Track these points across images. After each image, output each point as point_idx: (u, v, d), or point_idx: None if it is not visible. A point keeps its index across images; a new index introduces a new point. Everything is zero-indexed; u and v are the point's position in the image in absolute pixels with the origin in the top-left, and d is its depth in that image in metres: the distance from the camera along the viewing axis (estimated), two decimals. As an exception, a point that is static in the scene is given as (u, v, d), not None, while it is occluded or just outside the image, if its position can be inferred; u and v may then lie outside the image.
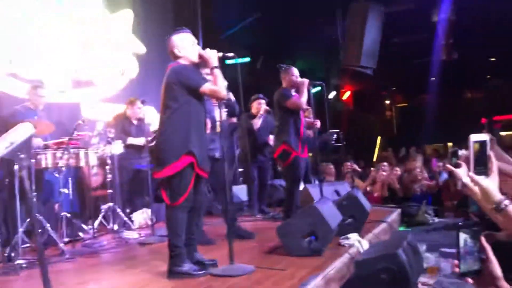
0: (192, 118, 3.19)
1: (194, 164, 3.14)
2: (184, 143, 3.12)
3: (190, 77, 3.18)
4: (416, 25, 12.10)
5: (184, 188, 3.13)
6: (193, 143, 3.13)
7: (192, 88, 3.17)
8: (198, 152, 3.15)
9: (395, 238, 3.65)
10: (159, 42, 7.99)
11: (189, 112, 3.18)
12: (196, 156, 3.13)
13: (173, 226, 3.17)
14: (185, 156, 3.11)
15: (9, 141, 1.72)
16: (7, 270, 3.69)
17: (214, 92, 3.18)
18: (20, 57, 5.81)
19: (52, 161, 4.68)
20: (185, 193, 3.13)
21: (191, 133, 3.15)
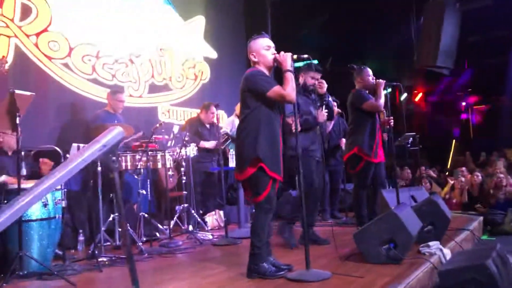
0: (262, 123, 3.21)
1: (265, 168, 3.15)
2: (253, 149, 3.17)
3: (258, 83, 3.21)
4: (493, 22, 11.43)
5: (261, 190, 3.19)
6: (262, 149, 3.16)
7: (259, 93, 3.20)
8: (268, 157, 3.17)
9: (482, 248, 3.43)
10: (230, 47, 8.20)
11: (259, 118, 3.22)
12: (264, 161, 3.15)
13: (255, 226, 3.25)
14: (254, 161, 3.16)
15: (102, 144, 1.79)
16: (91, 266, 3.87)
17: (281, 96, 3.18)
18: (99, 64, 6.12)
19: (132, 163, 4.88)
20: (262, 194, 3.18)
21: (259, 138, 3.18)
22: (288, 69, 3.23)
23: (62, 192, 3.98)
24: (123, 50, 6.44)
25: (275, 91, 3.17)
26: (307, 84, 4.45)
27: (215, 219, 6.00)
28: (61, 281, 3.38)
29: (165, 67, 7.06)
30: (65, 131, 5.57)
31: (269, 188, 3.21)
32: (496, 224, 5.64)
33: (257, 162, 3.16)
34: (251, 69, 3.34)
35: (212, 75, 7.84)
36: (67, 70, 5.75)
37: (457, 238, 4.30)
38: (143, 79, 6.69)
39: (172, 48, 7.21)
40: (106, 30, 6.23)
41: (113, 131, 1.83)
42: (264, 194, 3.18)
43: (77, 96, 5.84)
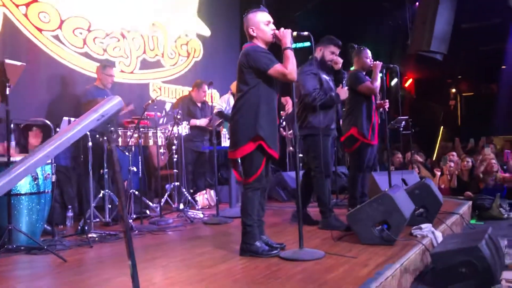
0: (261, 101, 3.15)
1: (264, 146, 3.12)
2: (252, 127, 3.12)
3: (259, 59, 3.12)
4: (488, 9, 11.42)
5: (255, 170, 3.17)
6: (261, 126, 3.11)
7: (260, 70, 3.13)
8: (267, 135, 3.13)
9: (475, 231, 3.45)
10: (223, 25, 8.07)
11: (258, 95, 3.16)
12: (264, 139, 3.11)
13: (244, 205, 3.23)
14: (254, 139, 3.12)
15: (100, 114, 1.73)
16: (80, 242, 3.83)
17: (282, 74, 3.11)
18: (91, 37, 5.98)
19: (123, 139, 4.81)
20: (255, 174, 3.16)
21: (259, 116, 3.12)
22: (289, 46, 3.16)
23: (52, 167, 3.90)
24: (115, 24, 6.30)
25: (277, 69, 3.11)
26: (326, 59, 4.28)
27: (206, 198, 5.98)
28: (51, 256, 3.33)
29: (158, 43, 6.94)
30: (55, 105, 5.46)
31: (262, 167, 3.18)
32: (484, 209, 5.69)
33: (256, 140, 3.12)
34: (250, 44, 3.25)
35: (205, 53, 7.73)
36: (57, 43, 5.61)
37: (448, 222, 4.34)
38: (134, 55, 6.56)
39: (165, 24, 7.07)
40: (98, 3, 6.07)
41: (112, 100, 1.76)
42: (257, 174, 3.16)
43: (67, 70, 5.71)
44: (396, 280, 2.78)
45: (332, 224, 4.08)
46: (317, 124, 4.06)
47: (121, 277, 2.74)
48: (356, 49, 4.87)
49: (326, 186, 4.22)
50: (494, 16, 12.15)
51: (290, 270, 2.84)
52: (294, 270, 2.83)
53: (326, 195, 4.21)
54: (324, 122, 4.19)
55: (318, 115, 4.08)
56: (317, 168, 4.17)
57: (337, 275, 2.70)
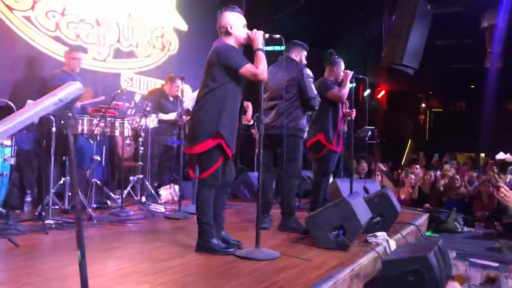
0: (227, 100, 3.17)
1: (223, 144, 3.14)
2: (215, 124, 3.13)
3: (231, 58, 3.14)
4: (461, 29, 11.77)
5: (211, 165, 3.17)
6: (223, 125, 3.13)
7: (231, 68, 3.14)
8: (227, 134, 3.15)
9: (426, 242, 3.56)
10: (201, 21, 8.03)
11: (224, 93, 3.17)
12: (224, 138, 3.13)
13: (199, 202, 3.23)
14: (214, 137, 3.13)
15: (58, 98, 1.71)
16: (36, 228, 3.77)
17: (254, 74, 3.13)
18: (64, 22, 5.87)
19: (88, 127, 4.74)
20: (209, 170, 3.16)
21: (222, 114, 3.14)
22: (260, 47, 3.19)
23: (12, 149, 3.82)
24: (91, 10, 6.19)
25: (248, 69, 3.13)
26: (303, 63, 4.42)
27: (170, 193, 5.96)
28: (3, 240, 3.26)
29: (133, 33, 6.86)
30: (21, 87, 5.32)
31: (218, 164, 3.18)
32: (440, 222, 5.87)
33: (217, 138, 3.13)
34: (222, 43, 3.26)
35: (181, 47, 7.69)
36: (28, 24, 5.48)
37: (403, 231, 4.45)
38: (108, 43, 6.47)
39: (141, 15, 7.00)
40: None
41: (72, 86, 1.75)
42: (212, 170, 3.15)
43: (37, 52, 5.58)
44: (346, 284, 2.85)
45: (291, 226, 4.13)
46: (302, 127, 4.17)
47: (72, 265, 2.68)
48: (333, 58, 4.93)
49: (295, 189, 4.29)
50: (467, 36, 12.53)
51: (243, 268, 2.86)
52: (248, 268, 2.86)
53: (294, 198, 4.27)
54: (305, 125, 4.32)
55: (303, 118, 4.19)
56: (293, 170, 4.22)
57: (289, 275, 2.75)
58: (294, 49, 4.40)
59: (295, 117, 4.23)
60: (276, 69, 4.28)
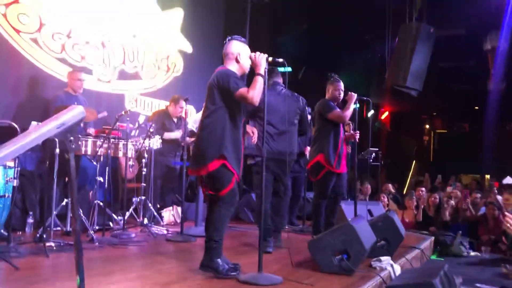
0: (228, 122, 3.21)
1: (227, 165, 3.15)
2: (218, 146, 3.16)
3: (229, 81, 3.19)
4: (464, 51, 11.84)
5: (225, 184, 3.17)
6: (226, 147, 3.16)
7: (229, 92, 3.19)
8: (230, 156, 3.17)
9: (431, 267, 3.50)
10: (206, 43, 8.13)
11: (225, 115, 3.22)
12: (227, 159, 3.15)
13: (215, 220, 3.19)
14: (218, 159, 3.15)
15: (61, 122, 1.72)
16: (37, 250, 3.73)
17: (244, 97, 3.17)
18: (70, 44, 5.94)
19: (92, 148, 4.74)
20: (226, 188, 3.16)
21: (225, 136, 3.17)
22: (260, 73, 3.23)
23: (15, 171, 3.82)
24: (96, 33, 6.28)
25: (240, 92, 3.17)
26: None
27: (172, 214, 5.91)
28: (3, 263, 3.23)
29: (138, 55, 6.93)
30: (24, 108, 5.36)
31: (233, 183, 3.20)
32: (445, 246, 5.78)
33: (220, 160, 3.14)
34: (225, 68, 3.32)
35: (185, 69, 7.75)
36: (35, 46, 5.54)
37: (408, 256, 4.39)
38: (113, 64, 6.53)
39: (146, 37, 7.08)
40: (80, 9, 6.04)
41: (74, 109, 1.76)
42: (228, 189, 3.16)
43: (42, 74, 5.64)
44: (350, 310, 2.79)
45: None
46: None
47: (72, 289, 2.67)
48: (332, 78, 4.97)
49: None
50: (470, 58, 12.60)
51: (245, 294, 2.82)
52: (250, 294, 2.82)
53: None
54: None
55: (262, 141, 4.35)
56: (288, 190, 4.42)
57: (292, 302, 2.70)
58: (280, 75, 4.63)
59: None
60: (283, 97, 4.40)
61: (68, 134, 1.78)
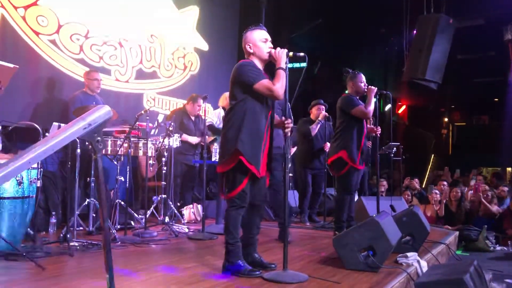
0: (246, 116, 3.14)
1: (244, 162, 3.08)
2: (234, 141, 3.10)
3: (247, 74, 3.12)
4: (483, 42, 11.63)
5: (236, 185, 3.13)
6: (242, 141, 3.09)
7: (246, 84, 3.12)
8: (248, 150, 3.09)
9: (460, 263, 3.43)
10: (221, 41, 8.11)
11: (244, 110, 3.15)
12: (244, 155, 3.08)
13: (226, 222, 3.19)
14: (234, 154, 3.10)
15: (87, 122, 1.70)
16: (62, 250, 3.76)
17: (269, 89, 3.10)
18: (88, 44, 5.97)
19: (112, 148, 4.76)
20: (235, 190, 3.12)
21: (241, 131, 3.11)
22: (282, 66, 3.17)
23: (38, 172, 3.84)
24: (113, 33, 6.30)
25: (263, 84, 3.10)
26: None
27: (192, 212, 5.91)
28: (29, 263, 3.25)
29: (155, 54, 6.94)
30: (43, 109, 5.42)
31: (244, 184, 3.13)
32: (470, 240, 5.68)
33: (237, 155, 3.09)
34: (243, 60, 3.27)
35: (202, 67, 7.75)
36: (53, 47, 5.59)
37: (434, 251, 4.31)
38: (131, 64, 6.55)
39: (163, 36, 7.09)
40: (97, 10, 6.07)
41: (100, 109, 1.74)
42: (238, 190, 3.11)
43: (62, 75, 5.69)
44: (379, 308, 2.74)
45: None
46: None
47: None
48: (350, 73, 4.88)
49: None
50: (489, 49, 12.37)
51: (272, 291, 2.79)
52: (276, 292, 2.79)
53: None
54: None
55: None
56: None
57: (319, 300, 2.66)
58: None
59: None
60: None
61: (95, 135, 1.76)
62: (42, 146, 1.62)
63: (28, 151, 1.61)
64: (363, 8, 10.01)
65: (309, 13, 10.02)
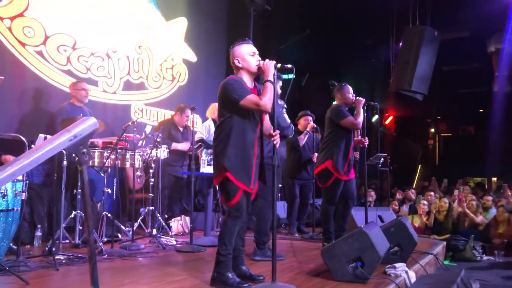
0: (233, 132, 3.15)
1: (229, 177, 3.10)
2: (221, 157, 3.13)
3: (232, 92, 3.13)
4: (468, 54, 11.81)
5: (230, 197, 3.14)
6: (229, 157, 3.11)
7: (232, 102, 3.13)
8: (234, 166, 3.11)
9: (448, 273, 3.44)
10: (210, 52, 8.14)
11: (230, 126, 3.16)
12: (230, 170, 3.09)
13: (222, 232, 3.19)
14: (222, 170, 3.13)
15: (73, 134, 1.69)
16: (46, 264, 3.70)
17: (255, 104, 3.10)
18: (75, 56, 5.94)
19: (99, 160, 4.72)
20: (231, 201, 3.13)
21: (228, 147, 3.13)
22: (269, 79, 3.17)
23: (24, 184, 3.79)
24: (101, 44, 6.28)
25: (249, 100, 3.11)
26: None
27: (180, 224, 5.87)
28: (13, 277, 3.19)
29: (143, 65, 6.93)
30: (29, 120, 5.36)
31: (239, 196, 3.13)
32: (458, 250, 5.71)
33: (223, 171, 3.11)
34: (230, 76, 3.28)
35: (190, 78, 7.75)
36: (40, 58, 5.55)
37: (422, 261, 4.32)
38: (118, 75, 6.53)
39: (151, 47, 7.08)
40: (85, 21, 6.05)
41: (86, 121, 1.72)
42: (233, 201, 3.12)
43: (48, 86, 5.64)
44: (368, 320, 2.74)
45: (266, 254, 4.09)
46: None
47: (84, 303, 2.63)
48: (337, 86, 4.92)
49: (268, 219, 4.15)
50: (474, 61, 12.57)
51: (260, 304, 2.77)
52: (265, 304, 2.76)
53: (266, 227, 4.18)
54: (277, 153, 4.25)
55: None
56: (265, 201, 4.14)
57: (308, 312, 2.65)
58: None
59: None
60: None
61: (80, 146, 1.75)
62: (27, 158, 1.60)
63: (12, 163, 1.59)
64: (350, 20, 10.13)
65: (297, 24, 10.11)
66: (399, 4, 9.13)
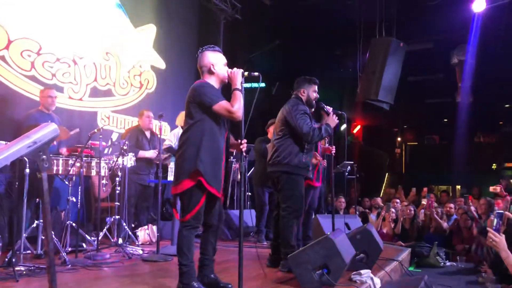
0: (204, 136, 3.13)
1: (203, 182, 3.06)
2: (193, 161, 3.07)
3: (205, 95, 3.13)
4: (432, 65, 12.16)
5: (192, 206, 3.09)
6: (202, 161, 3.07)
7: (205, 105, 3.12)
8: (208, 171, 3.08)
9: (411, 279, 3.50)
10: (179, 59, 8.10)
11: (202, 130, 3.14)
12: (204, 175, 3.06)
13: (179, 243, 3.14)
14: (193, 174, 3.07)
15: (32, 140, 1.65)
16: (5, 276, 3.58)
17: (228, 111, 3.10)
18: (40, 61, 5.81)
19: (64, 168, 4.61)
20: (192, 211, 3.09)
21: (200, 151, 3.09)
22: (237, 87, 3.18)
23: (-18, 192, 3.67)
24: (67, 50, 6.16)
25: (222, 106, 3.11)
26: (311, 98, 4.39)
27: (147, 233, 5.78)
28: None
29: (110, 72, 6.83)
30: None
31: (200, 205, 3.11)
32: (422, 257, 5.83)
33: (196, 176, 3.06)
34: (201, 81, 3.27)
35: (158, 85, 7.68)
36: (3, 63, 5.39)
37: (387, 268, 4.39)
38: (85, 82, 6.41)
39: (119, 54, 7.00)
40: (51, 26, 5.92)
41: (46, 127, 1.69)
42: (194, 211, 3.08)
43: (11, 92, 5.48)
44: (333, 326, 2.75)
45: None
46: (299, 164, 4.12)
47: (44, 315, 2.55)
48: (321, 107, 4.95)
49: (294, 228, 4.13)
50: (439, 71, 12.95)
51: (226, 313, 2.75)
52: (231, 313, 2.75)
53: (293, 236, 4.11)
54: (305, 162, 4.20)
55: (299, 154, 4.12)
56: (289, 208, 4.10)
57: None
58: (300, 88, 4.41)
59: (288, 153, 4.16)
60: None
61: (40, 153, 1.71)
62: (-18, 165, 1.55)
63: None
64: (319, 31, 10.29)
65: (267, 34, 10.20)
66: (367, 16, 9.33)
